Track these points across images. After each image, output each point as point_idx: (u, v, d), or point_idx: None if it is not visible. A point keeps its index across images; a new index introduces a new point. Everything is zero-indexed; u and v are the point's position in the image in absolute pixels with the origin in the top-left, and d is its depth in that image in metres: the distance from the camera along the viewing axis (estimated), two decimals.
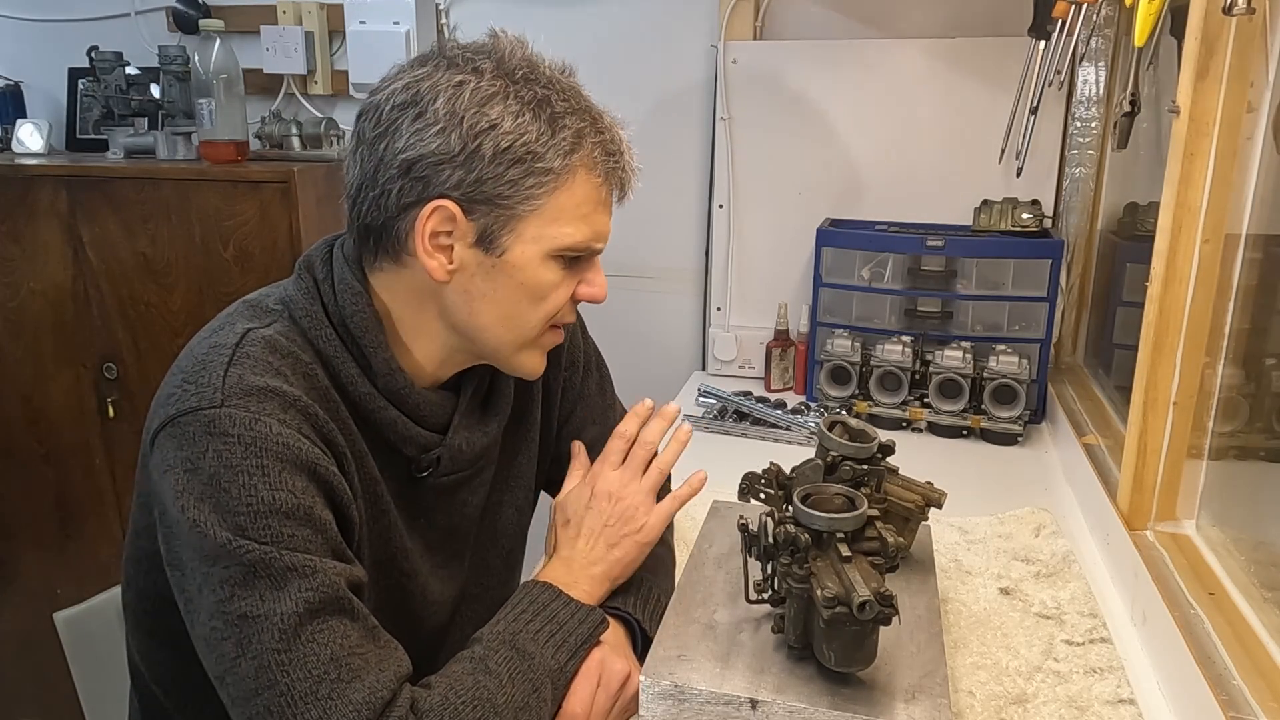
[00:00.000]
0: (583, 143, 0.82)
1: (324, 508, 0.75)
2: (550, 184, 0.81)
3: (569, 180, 0.81)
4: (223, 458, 0.71)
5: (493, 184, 0.79)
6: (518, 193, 0.80)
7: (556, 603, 0.86)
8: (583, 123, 0.82)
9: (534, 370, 0.92)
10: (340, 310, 0.84)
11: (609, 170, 0.85)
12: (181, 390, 0.75)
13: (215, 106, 1.92)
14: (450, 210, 0.79)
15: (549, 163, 0.80)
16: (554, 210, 0.82)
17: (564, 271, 0.85)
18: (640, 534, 0.96)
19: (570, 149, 0.81)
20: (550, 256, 0.83)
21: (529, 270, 0.83)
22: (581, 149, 0.82)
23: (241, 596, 0.70)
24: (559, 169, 0.80)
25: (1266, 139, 0.96)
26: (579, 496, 0.99)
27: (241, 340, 0.78)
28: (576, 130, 0.81)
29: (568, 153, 0.81)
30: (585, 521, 0.97)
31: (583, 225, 0.84)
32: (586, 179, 0.83)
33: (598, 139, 0.83)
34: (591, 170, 0.83)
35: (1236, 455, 1.04)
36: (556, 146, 0.80)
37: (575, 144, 0.81)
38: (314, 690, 0.69)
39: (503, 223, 0.81)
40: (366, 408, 0.84)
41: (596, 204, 0.84)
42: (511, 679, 0.78)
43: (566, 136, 0.81)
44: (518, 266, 0.83)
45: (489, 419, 0.96)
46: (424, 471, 0.91)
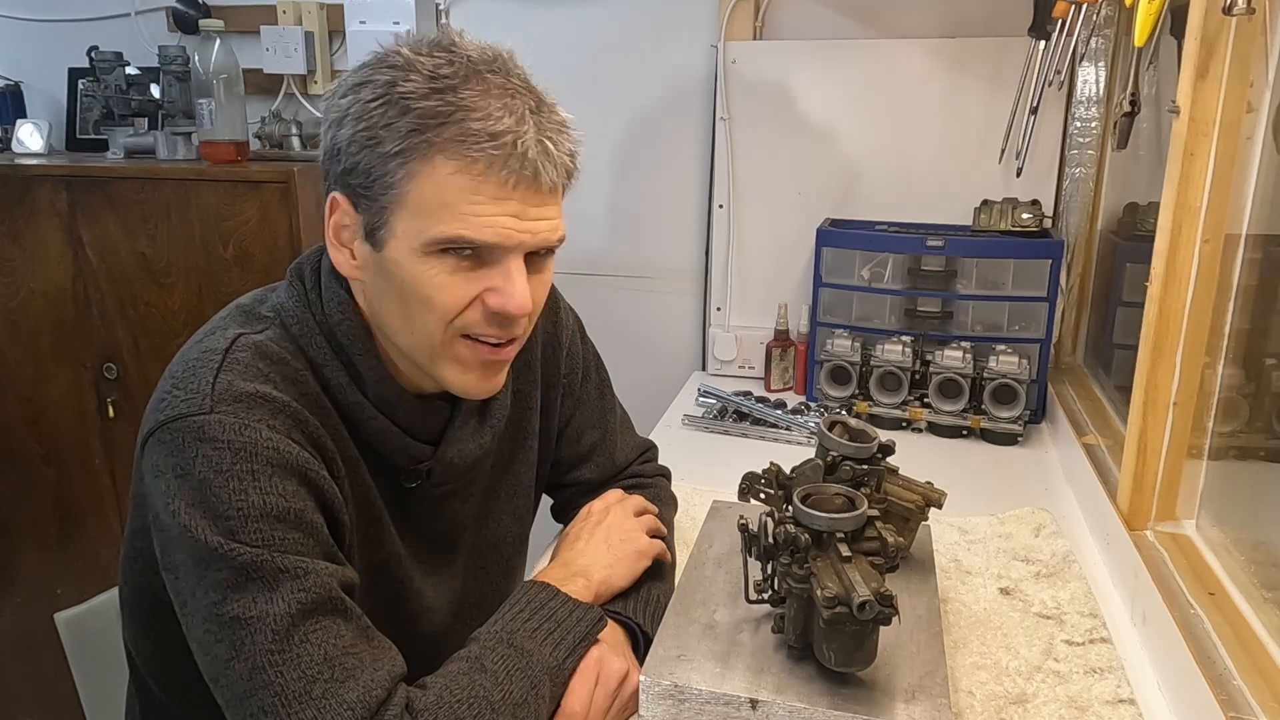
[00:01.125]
0: (435, 123, 0.74)
1: (315, 511, 0.75)
2: (400, 170, 0.75)
3: (425, 167, 0.75)
4: (212, 463, 0.72)
5: (356, 175, 0.78)
6: (375, 183, 0.77)
7: (554, 601, 0.86)
8: (440, 101, 0.75)
9: (463, 388, 0.85)
10: (328, 319, 0.84)
11: (474, 151, 0.75)
12: (171, 396, 0.75)
13: (215, 106, 1.92)
14: (341, 202, 0.80)
15: (389, 146, 0.75)
16: (416, 200, 0.76)
17: (455, 274, 0.78)
18: (638, 542, 0.99)
19: (414, 129, 0.74)
20: (427, 253, 0.77)
21: (406, 266, 0.78)
22: (431, 130, 0.74)
23: (234, 599, 0.70)
24: (405, 152, 0.75)
25: (1266, 139, 0.96)
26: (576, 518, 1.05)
27: (232, 346, 0.79)
28: (427, 111, 0.74)
29: (411, 132, 0.74)
30: (584, 529, 1.00)
31: (451, 217, 0.76)
32: (445, 164, 0.75)
33: (461, 118, 0.75)
34: (451, 154, 0.75)
35: (1236, 455, 1.04)
36: (397, 129, 0.75)
37: (422, 124, 0.74)
38: (308, 690, 0.69)
39: (376, 214, 0.78)
40: (356, 416, 0.84)
41: (469, 193, 0.76)
42: (509, 677, 0.78)
43: (411, 119, 0.74)
44: (396, 262, 0.78)
45: (483, 430, 0.95)
46: (413, 483, 0.91)
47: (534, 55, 0.84)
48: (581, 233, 2.04)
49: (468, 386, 0.85)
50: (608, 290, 2.05)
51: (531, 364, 1.04)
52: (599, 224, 2.04)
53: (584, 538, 0.99)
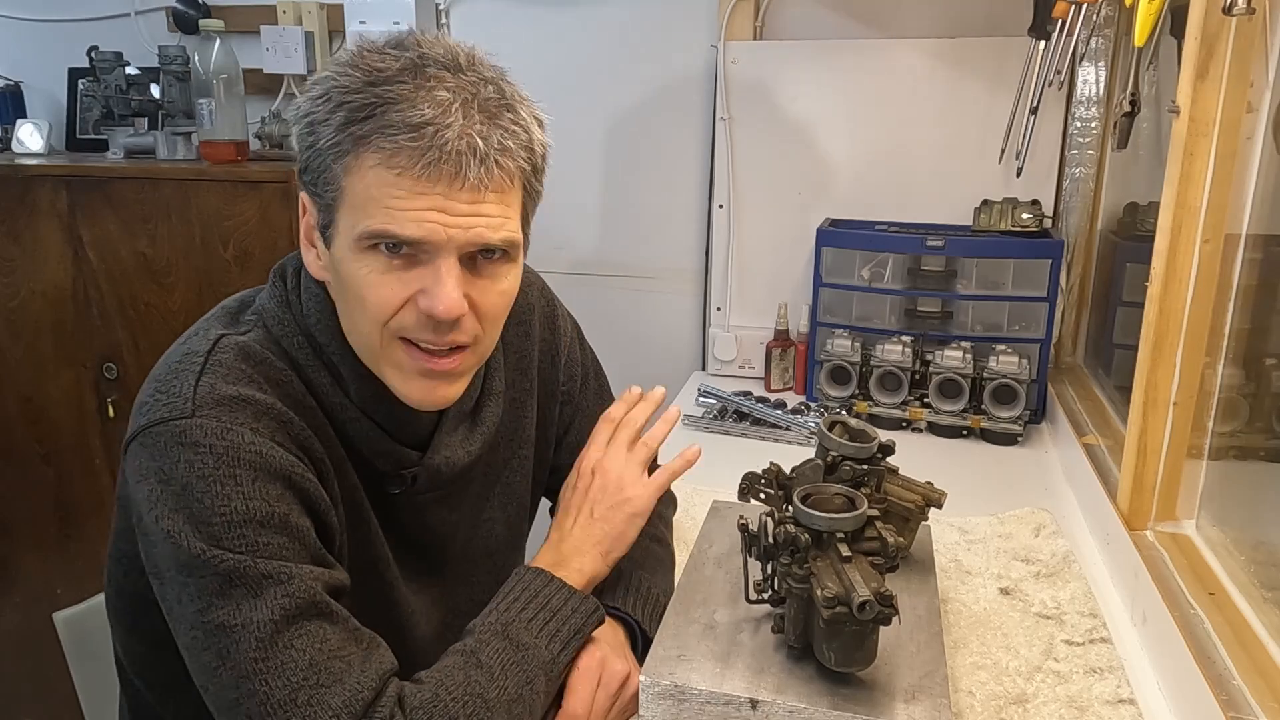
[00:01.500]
0: (360, 115, 0.73)
1: (300, 514, 0.75)
2: (334, 166, 0.75)
3: (354, 161, 0.74)
4: (194, 468, 0.71)
5: (307, 173, 0.78)
6: (319, 180, 0.77)
7: (549, 588, 0.85)
8: (368, 96, 0.73)
9: (409, 396, 0.82)
10: (307, 319, 0.83)
11: (394, 143, 0.73)
12: (154, 400, 0.75)
13: (215, 106, 1.92)
14: (305, 202, 0.81)
15: (323, 141, 0.75)
16: (351, 195, 0.75)
17: (385, 272, 0.76)
18: (629, 504, 0.94)
19: (343, 123, 0.74)
20: (360, 249, 0.76)
21: (345, 264, 0.77)
22: (355, 124, 0.74)
23: (219, 606, 0.70)
24: (334, 146, 0.75)
25: (1266, 139, 0.96)
26: (567, 481, 0.98)
27: (214, 347, 0.78)
28: (357, 104, 0.74)
29: (341, 127, 0.74)
30: (571, 501, 0.96)
31: (375, 210, 0.74)
32: (369, 158, 0.74)
33: (384, 111, 0.73)
34: (373, 147, 0.73)
35: (1236, 455, 1.04)
36: (332, 123, 0.75)
37: (350, 118, 0.74)
38: (293, 697, 0.69)
39: (326, 212, 0.78)
40: (340, 418, 0.83)
41: (390, 186, 0.74)
42: (504, 671, 0.78)
43: (342, 113, 0.74)
44: (339, 259, 0.78)
45: (474, 437, 0.93)
46: (397, 489, 0.89)
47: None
48: (582, 233, 2.04)
49: (411, 395, 0.82)
50: (608, 290, 2.05)
51: (527, 371, 1.02)
52: (599, 224, 2.04)
53: (571, 512, 0.95)
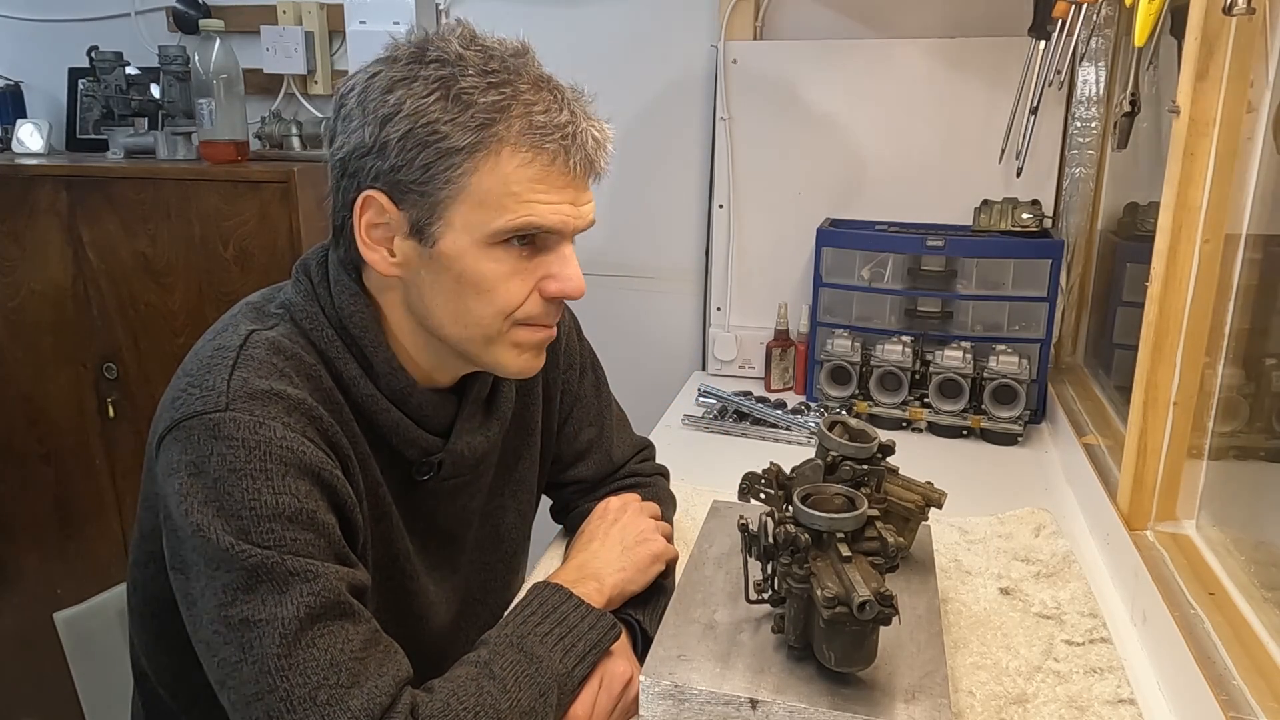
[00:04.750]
0: (500, 116, 0.76)
1: (327, 511, 0.75)
2: (464, 164, 0.76)
3: (489, 160, 0.76)
4: (227, 461, 0.71)
5: (407, 171, 0.77)
6: (434, 178, 0.77)
7: (566, 605, 0.86)
8: (500, 95, 0.76)
9: (518, 370, 0.87)
10: (339, 312, 0.84)
11: (542, 143, 0.77)
12: (186, 394, 0.75)
13: (215, 106, 1.92)
14: (378, 200, 0.79)
15: (456, 141, 0.75)
16: (479, 193, 0.77)
17: (515, 262, 0.81)
18: (654, 544, 0.99)
19: (482, 124, 0.76)
20: (488, 244, 0.79)
21: (465, 260, 0.79)
22: (499, 123, 0.76)
23: (244, 601, 0.70)
24: (472, 146, 0.76)
25: (1266, 139, 0.96)
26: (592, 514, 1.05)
27: (245, 342, 0.78)
28: (491, 104, 0.76)
29: (479, 128, 0.76)
30: (599, 529, 1.00)
31: (516, 206, 0.78)
32: (512, 155, 0.77)
33: (524, 110, 0.77)
34: (517, 145, 0.77)
35: (1236, 455, 1.04)
36: (464, 123, 0.75)
37: (489, 118, 0.76)
38: (313, 696, 0.69)
39: (429, 211, 0.78)
40: (369, 409, 0.84)
41: (533, 182, 0.78)
42: (517, 683, 0.78)
43: (476, 112, 0.75)
44: (453, 257, 0.79)
45: (491, 422, 0.96)
46: (425, 475, 0.91)
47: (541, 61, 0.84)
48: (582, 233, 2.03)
49: (522, 368, 0.87)
50: (608, 290, 2.05)
51: None
52: (599, 224, 2.01)
53: (599, 538, 0.98)
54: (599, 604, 0.89)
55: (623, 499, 1.07)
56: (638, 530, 1.00)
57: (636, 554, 0.97)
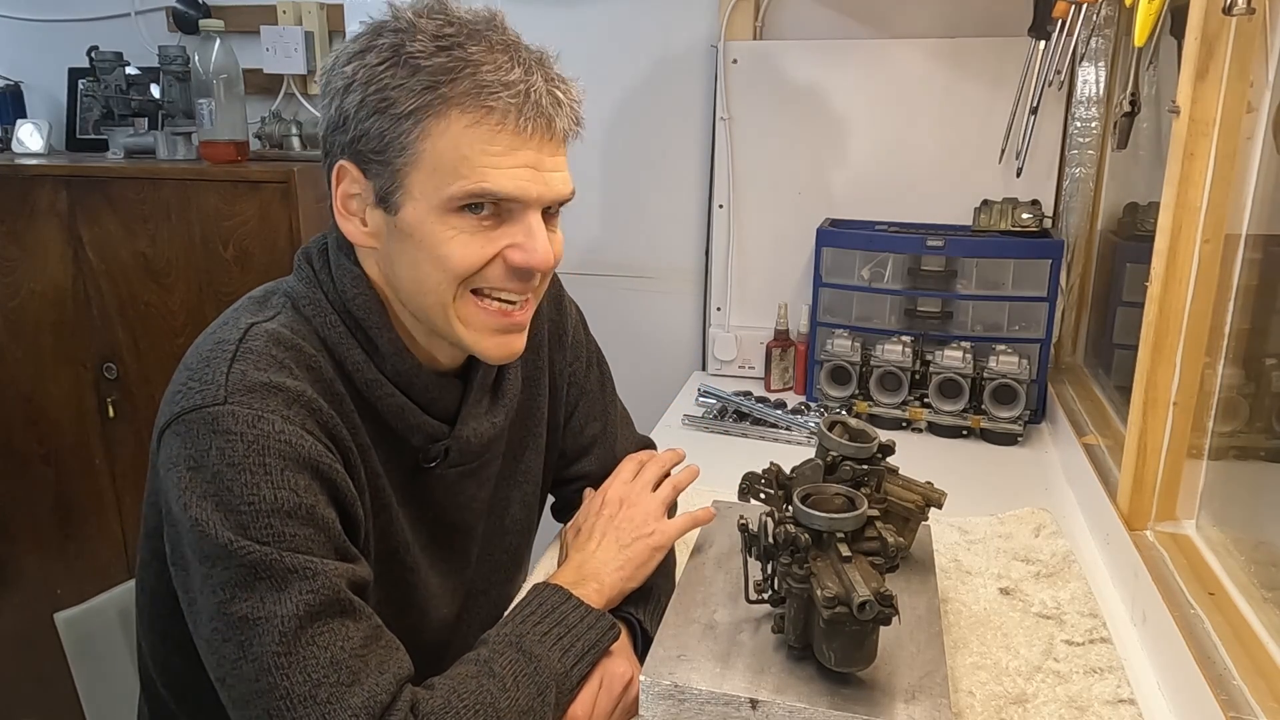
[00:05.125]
0: (447, 78, 0.75)
1: (327, 505, 0.75)
2: (414, 129, 0.76)
3: (439, 123, 0.75)
4: (225, 455, 0.71)
5: (366, 140, 0.77)
6: (390, 146, 0.76)
7: (566, 605, 0.86)
8: (448, 58, 0.75)
9: (483, 351, 0.85)
10: (342, 295, 0.84)
11: (488, 100, 0.75)
12: (186, 388, 0.75)
13: (215, 106, 1.92)
14: (349, 170, 0.80)
15: (404, 105, 0.75)
16: (432, 159, 0.76)
17: (474, 232, 0.79)
18: (652, 538, 0.97)
19: (427, 87, 0.75)
20: (445, 211, 0.78)
21: (424, 227, 0.78)
22: (444, 85, 0.75)
23: (242, 598, 0.70)
24: (420, 110, 0.75)
25: (1266, 139, 0.96)
26: (588, 508, 1.03)
27: (245, 335, 0.78)
28: (438, 66, 0.75)
29: (425, 90, 0.75)
30: (596, 526, 0.99)
31: (467, 170, 0.76)
32: (460, 117, 0.75)
33: (472, 71, 0.75)
34: (465, 106, 0.75)
35: (1236, 455, 1.04)
36: (410, 88, 0.75)
37: (434, 81, 0.75)
38: (313, 694, 0.69)
39: (389, 179, 0.78)
40: (373, 395, 0.84)
41: (484, 144, 0.76)
42: (516, 682, 0.78)
43: (423, 75, 0.75)
44: (413, 224, 0.79)
45: (497, 409, 0.95)
46: (431, 462, 0.91)
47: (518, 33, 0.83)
48: (582, 233, 2.04)
49: (488, 351, 0.85)
50: (608, 290, 2.05)
51: (539, 350, 1.04)
52: (599, 224, 2.04)
53: (595, 536, 0.97)
54: (599, 604, 0.89)
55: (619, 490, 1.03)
56: (635, 525, 0.99)
57: (635, 551, 0.96)
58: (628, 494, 1.02)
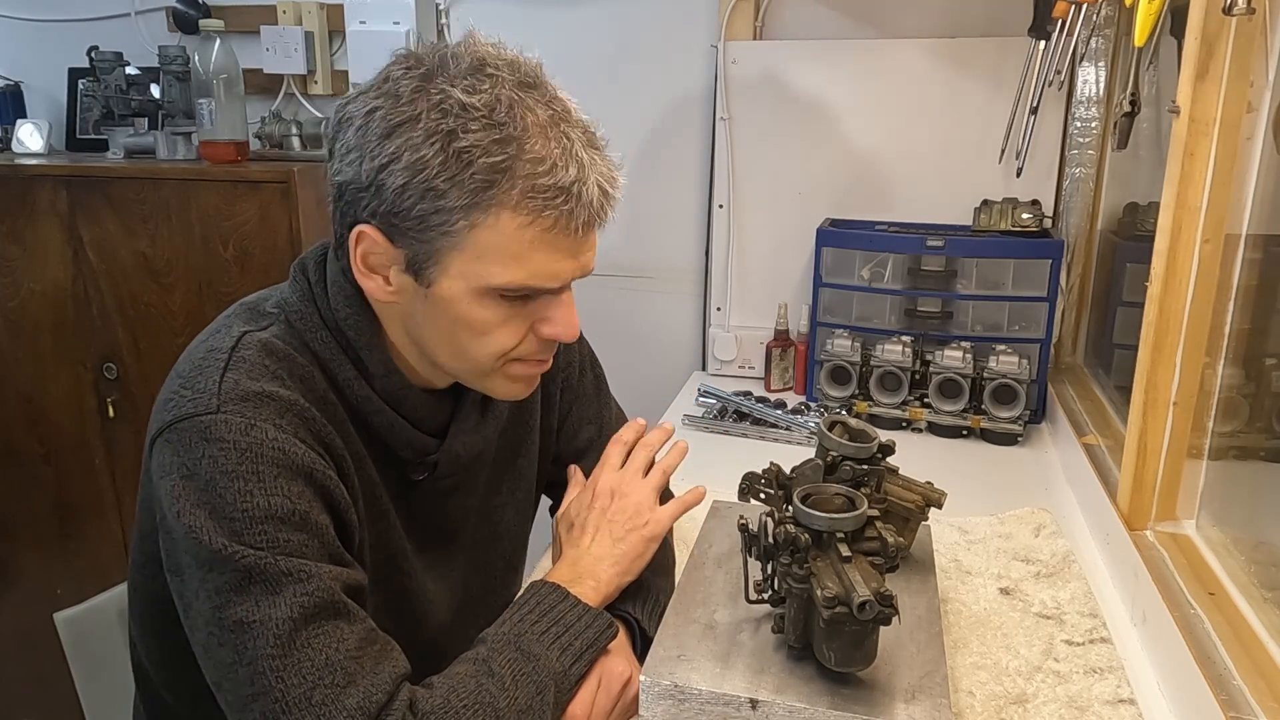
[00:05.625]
0: (500, 179, 0.73)
1: (321, 512, 0.75)
2: (461, 221, 0.74)
3: (488, 219, 0.74)
4: (218, 463, 0.71)
5: (403, 217, 0.74)
6: (429, 229, 0.74)
7: (563, 604, 0.86)
8: (504, 155, 0.73)
9: (509, 395, 0.88)
10: (335, 313, 0.84)
11: (543, 208, 0.74)
12: (178, 396, 0.75)
13: (215, 106, 1.92)
14: (373, 236, 0.77)
15: (453, 201, 0.73)
16: (477, 247, 0.75)
17: (508, 310, 0.79)
18: (646, 528, 0.96)
19: (481, 186, 0.73)
20: (483, 294, 0.77)
21: (461, 306, 0.78)
22: (498, 186, 0.73)
23: (237, 603, 0.70)
24: (468, 207, 0.73)
25: (1266, 139, 0.96)
26: (580, 500, 1.01)
27: (237, 344, 0.78)
28: (491, 165, 0.72)
29: (477, 190, 0.73)
30: (589, 520, 0.98)
31: (514, 266, 0.76)
32: (512, 218, 0.74)
33: (527, 173, 0.73)
34: (517, 209, 0.74)
35: (1236, 455, 1.04)
36: (462, 184, 0.73)
37: (488, 181, 0.73)
38: (308, 697, 0.69)
39: (426, 254, 0.76)
40: (364, 410, 0.84)
41: (531, 244, 0.75)
42: (515, 681, 0.78)
43: (476, 173, 0.72)
44: (449, 300, 0.78)
45: (486, 422, 0.96)
46: (420, 475, 0.91)
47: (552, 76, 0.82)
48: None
49: (514, 394, 0.88)
50: (608, 290, 2.05)
51: None
52: None
53: (589, 531, 0.96)
54: (595, 602, 0.88)
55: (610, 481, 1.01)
56: (629, 516, 0.97)
57: (629, 543, 0.95)
58: (618, 484, 1.00)
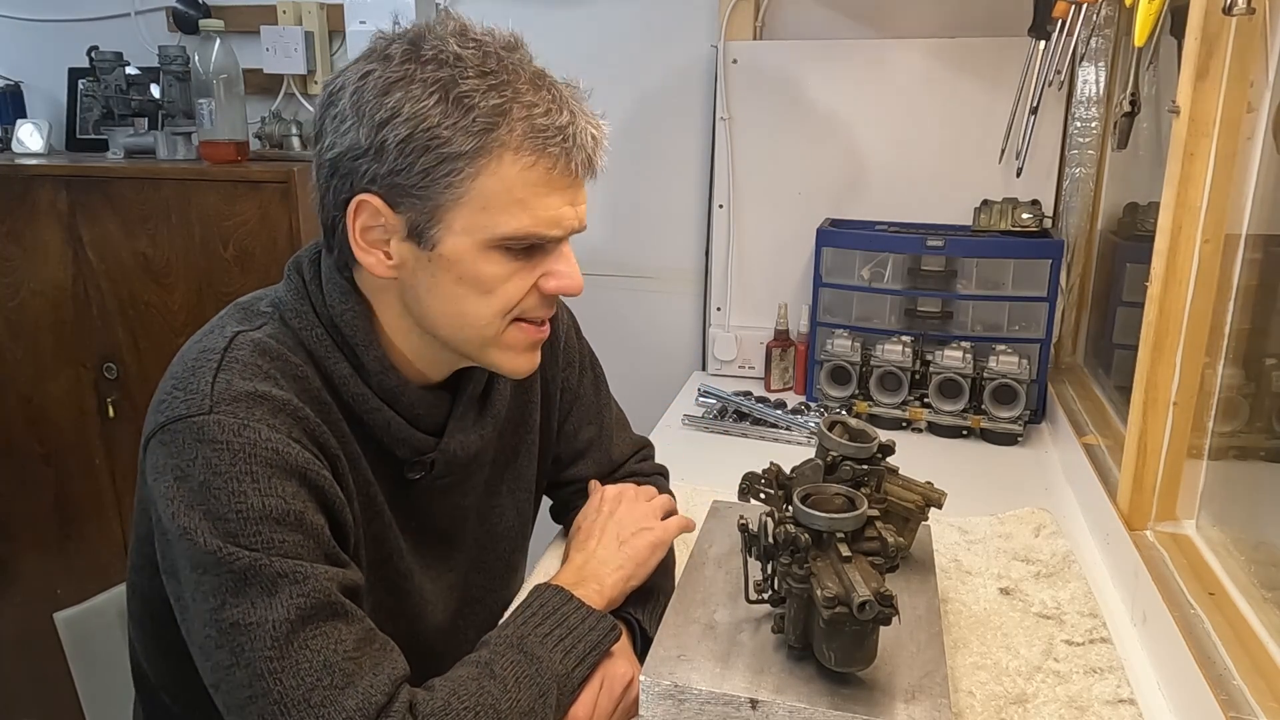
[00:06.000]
0: (502, 120, 0.75)
1: (316, 512, 0.75)
2: (466, 169, 0.75)
3: (491, 163, 0.75)
4: (212, 465, 0.71)
5: (406, 175, 0.75)
6: (433, 182, 0.75)
7: (567, 606, 0.86)
8: (500, 98, 0.75)
9: (515, 369, 0.87)
10: (329, 310, 0.83)
11: (545, 147, 0.76)
12: (171, 397, 0.75)
13: (215, 106, 1.92)
14: (374, 204, 0.77)
15: (458, 146, 0.74)
16: (480, 197, 0.76)
17: (514, 263, 0.80)
18: (652, 534, 0.98)
19: (484, 129, 0.74)
20: (488, 247, 0.78)
21: (466, 263, 0.78)
22: (500, 127, 0.75)
23: (233, 604, 0.70)
24: (472, 151, 0.74)
25: (1266, 139, 0.96)
26: (588, 507, 1.03)
27: (230, 344, 0.78)
28: (492, 108, 0.74)
29: (481, 132, 0.74)
30: (595, 524, 0.99)
31: (520, 212, 0.77)
32: (514, 160, 0.76)
33: (525, 114, 0.75)
34: (519, 150, 0.76)
35: (1236, 455, 1.04)
36: (465, 128, 0.74)
37: (491, 123, 0.74)
38: (307, 698, 0.69)
39: (429, 215, 0.77)
40: (360, 409, 0.84)
41: (534, 186, 0.77)
42: (518, 684, 0.78)
43: (478, 116, 0.74)
44: (453, 260, 0.78)
45: (484, 420, 0.95)
46: (417, 475, 0.91)
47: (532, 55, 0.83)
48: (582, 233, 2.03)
49: (518, 368, 0.87)
50: (608, 290, 2.05)
51: None
52: (599, 224, 2.04)
53: (595, 535, 0.98)
54: (600, 605, 0.88)
55: (618, 488, 1.06)
56: (634, 521, 0.99)
57: (634, 547, 0.96)
58: (623, 492, 1.04)
